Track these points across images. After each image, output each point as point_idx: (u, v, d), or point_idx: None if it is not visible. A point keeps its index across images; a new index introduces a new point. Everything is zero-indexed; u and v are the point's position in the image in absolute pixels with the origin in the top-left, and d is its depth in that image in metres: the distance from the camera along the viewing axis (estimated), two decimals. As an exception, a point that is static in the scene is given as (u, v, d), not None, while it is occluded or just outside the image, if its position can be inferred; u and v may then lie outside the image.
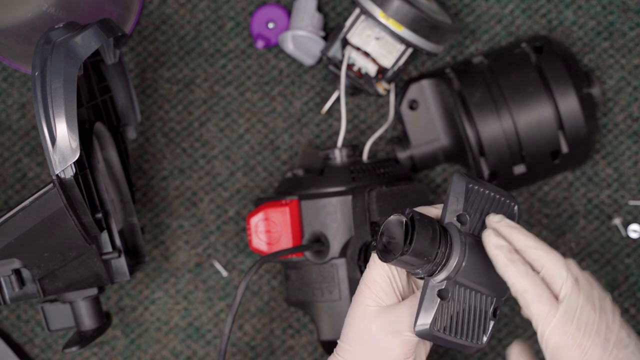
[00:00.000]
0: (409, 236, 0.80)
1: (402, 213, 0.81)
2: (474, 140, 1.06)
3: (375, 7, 1.04)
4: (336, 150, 1.06)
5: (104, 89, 1.07)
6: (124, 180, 1.07)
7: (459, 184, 0.83)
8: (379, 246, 0.82)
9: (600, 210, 1.14)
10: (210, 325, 1.15)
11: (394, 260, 0.81)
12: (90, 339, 1.02)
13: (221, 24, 1.16)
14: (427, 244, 0.80)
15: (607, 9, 1.15)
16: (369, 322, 0.85)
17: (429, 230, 0.80)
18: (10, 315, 1.15)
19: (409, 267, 0.82)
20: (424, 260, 0.81)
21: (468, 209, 0.83)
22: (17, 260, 0.98)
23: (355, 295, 0.87)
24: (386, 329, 0.84)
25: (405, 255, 0.80)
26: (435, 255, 0.81)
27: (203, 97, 1.16)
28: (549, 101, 1.06)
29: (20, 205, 0.94)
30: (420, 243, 0.80)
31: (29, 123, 1.16)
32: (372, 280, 0.85)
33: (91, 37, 0.93)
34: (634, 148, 1.14)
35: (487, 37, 1.15)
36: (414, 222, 0.80)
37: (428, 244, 0.80)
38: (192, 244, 1.15)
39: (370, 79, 1.08)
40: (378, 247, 0.82)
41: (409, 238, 0.80)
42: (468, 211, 0.83)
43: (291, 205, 1.03)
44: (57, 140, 0.90)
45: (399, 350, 0.85)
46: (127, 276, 1.02)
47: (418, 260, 0.81)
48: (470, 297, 0.83)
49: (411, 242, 0.80)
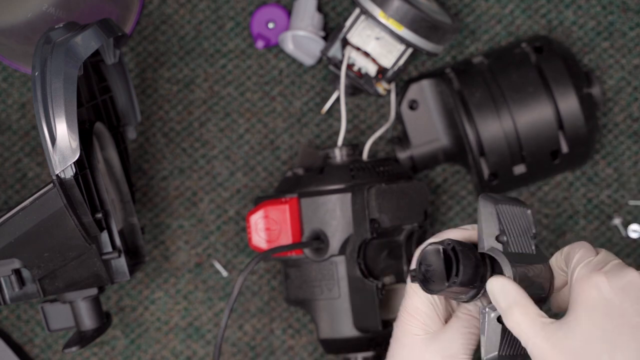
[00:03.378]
0: (455, 267, 0.82)
1: (439, 243, 0.83)
2: (474, 140, 1.06)
3: (375, 7, 1.04)
4: (336, 150, 1.07)
5: (104, 89, 1.07)
6: (124, 180, 1.07)
7: (488, 207, 0.85)
8: (420, 276, 0.83)
9: (600, 210, 1.14)
10: (210, 325, 1.15)
11: (440, 292, 0.82)
12: (90, 339, 1.02)
13: (221, 24, 1.16)
14: (472, 272, 0.82)
15: (607, 9, 1.15)
16: (420, 350, 0.86)
17: (472, 259, 0.82)
18: (10, 315, 1.15)
19: (453, 295, 0.84)
20: (470, 287, 0.83)
21: (502, 229, 0.85)
22: (17, 260, 0.98)
23: (399, 325, 0.88)
24: (439, 355, 0.86)
25: (454, 286, 0.82)
26: (480, 281, 0.83)
27: (203, 97, 1.16)
28: (549, 101, 1.06)
29: (20, 205, 0.94)
30: (467, 273, 0.82)
31: (29, 123, 1.16)
32: (416, 309, 0.87)
33: (91, 37, 0.93)
34: (634, 148, 1.14)
35: (487, 37, 1.15)
36: (456, 253, 0.82)
37: (472, 273, 0.82)
38: (192, 244, 1.15)
39: (370, 79, 1.08)
40: (419, 278, 0.83)
41: (455, 270, 0.81)
42: (503, 231, 0.85)
43: (291, 203, 1.03)
44: (57, 140, 0.90)
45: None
46: (127, 276, 1.02)
47: (465, 289, 0.83)
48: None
49: (457, 274, 0.81)
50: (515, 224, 0.86)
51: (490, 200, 0.85)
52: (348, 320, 1.03)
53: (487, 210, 0.85)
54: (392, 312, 1.05)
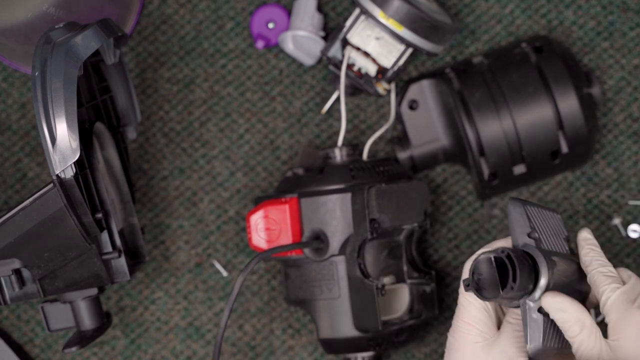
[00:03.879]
0: (512, 274, 0.83)
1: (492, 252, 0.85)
2: (474, 140, 1.06)
3: (375, 7, 1.04)
4: (336, 150, 1.07)
5: (104, 89, 1.07)
6: (124, 180, 1.07)
7: (517, 208, 0.88)
8: (474, 285, 0.85)
9: (600, 210, 1.14)
10: (210, 325, 1.15)
11: (495, 299, 0.84)
12: (91, 338, 1.02)
13: (221, 24, 1.16)
14: (527, 278, 0.84)
15: (607, 9, 1.15)
16: (481, 357, 0.88)
17: (526, 265, 0.84)
18: (11, 315, 1.15)
19: (505, 302, 0.86)
20: (524, 291, 0.84)
21: (533, 226, 0.87)
22: (17, 260, 0.98)
23: (457, 336, 0.90)
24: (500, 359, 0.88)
25: (511, 292, 0.83)
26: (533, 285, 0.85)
27: (203, 97, 1.16)
28: (549, 101, 1.06)
29: (20, 205, 0.94)
30: (523, 279, 0.83)
31: (29, 123, 1.16)
32: (473, 317, 0.89)
33: (91, 37, 0.93)
34: (633, 148, 1.14)
35: (487, 37, 1.15)
36: (511, 260, 0.83)
37: (527, 278, 0.84)
38: (192, 244, 1.15)
39: (370, 79, 1.08)
40: (473, 287, 0.85)
41: (512, 276, 0.83)
42: (534, 228, 0.87)
43: (290, 203, 1.03)
44: (57, 140, 0.90)
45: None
46: (127, 276, 1.02)
47: (520, 294, 0.84)
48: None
49: (515, 280, 0.83)
50: (546, 224, 0.89)
51: (519, 202, 0.88)
52: (348, 320, 1.03)
53: (516, 210, 0.87)
54: (392, 312, 1.05)
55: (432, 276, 1.06)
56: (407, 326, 1.05)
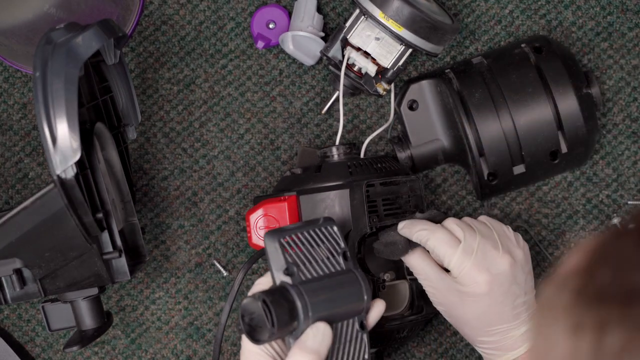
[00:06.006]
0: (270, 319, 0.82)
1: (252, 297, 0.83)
2: (473, 141, 1.07)
3: (375, 8, 1.04)
4: (333, 148, 1.07)
5: (104, 90, 1.07)
6: (125, 180, 1.08)
7: (272, 244, 0.86)
8: (246, 329, 0.84)
9: (600, 211, 1.14)
10: (210, 325, 1.15)
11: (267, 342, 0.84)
12: (91, 338, 1.03)
13: (222, 25, 1.16)
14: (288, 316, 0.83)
15: (606, 10, 1.15)
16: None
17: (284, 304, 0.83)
18: (11, 314, 1.15)
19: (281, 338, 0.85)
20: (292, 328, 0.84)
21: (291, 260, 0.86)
22: (18, 260, 0.98)
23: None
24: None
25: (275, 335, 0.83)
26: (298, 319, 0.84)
27: (203, 97, 1.16)
28: (548, 101, 1.06)
29: (21, 205, 0.94)
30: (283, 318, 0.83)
31: (30, 123, 1.16)
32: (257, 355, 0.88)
33: (92, 37, 0.93)
34: (633, 148, 1.14)
35: (487, 37, 1.15)
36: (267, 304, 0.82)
37: (289, 316, 0.83)
38: (193, 243, 1.15)
39: (370, 79, 1.09)
40: (246, 331, 0.84)
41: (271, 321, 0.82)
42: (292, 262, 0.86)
43: (289, 201, 1.03)
44: (58, 141, 0.90)
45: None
46: (127, 276, 1.02)
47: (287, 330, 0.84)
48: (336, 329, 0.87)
49: (273, 324, 0.82)
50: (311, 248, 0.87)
51: (275, 235, 0.86)
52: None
53: (271, 246, 0.86)
54: (393, 308, 1.06)
55: None
56: (407, 322, 1.05)
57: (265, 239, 0.86)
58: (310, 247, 0.88)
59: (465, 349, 1.14)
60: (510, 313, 0.98)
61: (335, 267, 0.88)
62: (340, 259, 0.89)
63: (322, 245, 0.89)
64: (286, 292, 0.84)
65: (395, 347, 1.14)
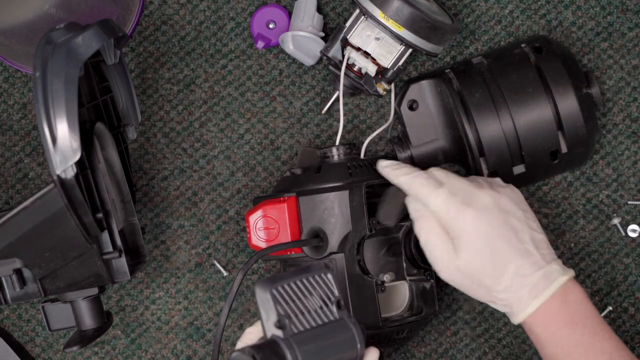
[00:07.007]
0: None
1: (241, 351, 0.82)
2: (473, 141, 1.07)
3: (375, 8, 1.04)
4: (333, 148, 1.07)
5: (104, 90, 1.07)
6: (125, 180, 1.08)
7: (263, 294, 0.84)
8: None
9: (600, 210, 1.14)
10: (210, 325, 1.15)
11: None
12: (91, 338, 1.03)
13: (222, 25, 1.16)
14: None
15: (606, 10, 1.15)
16: None
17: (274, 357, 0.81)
18: (12, 314, 1.15)
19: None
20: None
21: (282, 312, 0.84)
22: (18, 260, 0.98)
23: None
24: None
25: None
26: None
27: (203, 97, 1.16)
28: (548, 101, 1.06)
29: (21, 205, 0.94)
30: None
31: (30, 123, 1.16)
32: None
33: (92, 37, 0.93)
34: (633, 148, 1.14)
35: (487, 37, 1.15)
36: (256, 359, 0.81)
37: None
38: (193, 243, 1.15)
39: (370, 79, 1.09)
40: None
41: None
42: (284, 313, 0.84)
43: (289, 202, 1.03)
44: (58, 141, 0.90)
45: None
46: (127, 276, 1.02)
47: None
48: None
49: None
50: (303, 298, 0.85)
51: (266, 286, 0.84)
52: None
53: (263, 297, 0.84)
54: (392, 309, 1.06)
55: (431, 273, 1.06)
56: (407, 323, 1.05)
57: (256, 289, 0.84)
58: (303, 296, 0.85)
59: (465, 349, 1.14)
60: (516, 248, 0.95)
61: (328, 317, 0.86)
62: (333, 307, 0.86)
63: (315, 294, 0.86)
64: (277, 347, 0.82)
65: (395, 347, 1.14)
